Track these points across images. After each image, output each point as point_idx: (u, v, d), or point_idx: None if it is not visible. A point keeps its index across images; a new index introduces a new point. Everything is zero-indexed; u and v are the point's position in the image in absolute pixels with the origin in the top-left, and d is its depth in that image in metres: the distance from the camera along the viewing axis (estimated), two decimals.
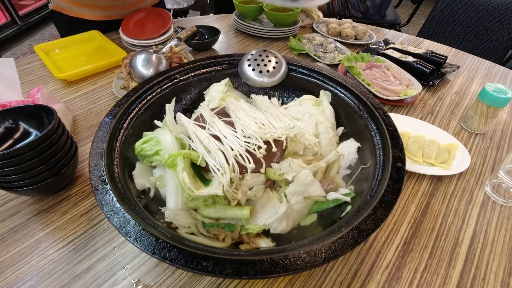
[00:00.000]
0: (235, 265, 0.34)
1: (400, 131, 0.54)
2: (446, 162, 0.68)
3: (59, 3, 1.05)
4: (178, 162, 0.48)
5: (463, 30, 1.57)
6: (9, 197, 0.57)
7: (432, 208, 0.59)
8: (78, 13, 1.06)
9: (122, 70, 0.84)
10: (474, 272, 0.50)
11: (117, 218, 0.39)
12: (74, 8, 1.05)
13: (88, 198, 0.58)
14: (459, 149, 0.70)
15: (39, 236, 0.52)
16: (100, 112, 0.78)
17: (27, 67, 0.93)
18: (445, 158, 0.68)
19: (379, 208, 0.41)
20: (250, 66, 0.70)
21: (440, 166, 0.67)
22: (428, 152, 0.69)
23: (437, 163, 0.67)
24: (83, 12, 1.06)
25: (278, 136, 0.53)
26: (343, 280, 0.48)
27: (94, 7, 1.06)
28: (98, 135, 0.50)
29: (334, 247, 0.36)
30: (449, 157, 0.68)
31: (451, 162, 0.67)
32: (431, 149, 0.70)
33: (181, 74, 0.67)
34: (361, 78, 0.88)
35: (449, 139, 0.72)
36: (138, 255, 0.50)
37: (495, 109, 0.72)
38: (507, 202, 0.61)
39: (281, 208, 0.48)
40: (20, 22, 2.92)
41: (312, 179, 0.51)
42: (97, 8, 1.06)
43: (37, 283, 0.46)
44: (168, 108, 0.56)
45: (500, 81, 1.00)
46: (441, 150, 0.69)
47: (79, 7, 1.05)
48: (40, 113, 0.55)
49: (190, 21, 1.28)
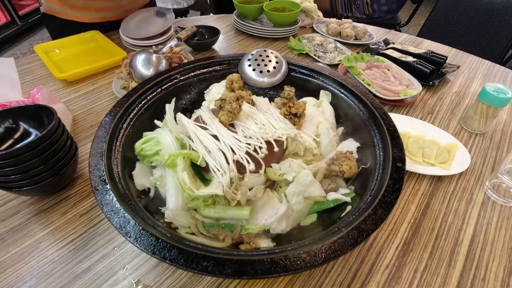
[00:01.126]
0: (235, 265, 0.34)
1: (400, 131, 0.54)
2: (446, 162, 0.67)
3: (51, 6, 1.03)
4: (178, 162, 0.48)
5: (463, 30, 1.57)
6: (9, 197, 0.57)
7: (432, 208, 0.59)
8: (71, 15, 1.04)
9: (122, 70, 0.84)
10: (474, 272, 0.50)
11: (117, 218, 0.39)
12: (67, 11, 1.03)
13: (88, 198, 0.58)
14: (459, 149, 0.70)
15: (39, 236, 0.52)
16: (100, 112, 0.78)
17: (27, 67, 0.93)
18: (445, 158, 0.68)
19: (379, 208, 0.41)
20: (251, 66, 0.70)
21: (440, 166, 0.67)
22: (428, 152, 0.69)
23: (437, 163, 0.67)
24: (77, 14, 1.04)
25: (278, 136, 0.53)
26: (343, 280, 0.48)
27: (87, 9, 1.04)
28: (98, 135, 0.50)
29: (334, 247, 0.36)
30: (449, 157, 0.68)
31: (451, 162, 0.67)
32: (431, 149, 0.69)
33: (181, 74, 0.67)
34: (361, 78, 0.88)
35: (449, 139, 0.72)
36: (138, 255, 0.50)
37: (495, 109, 0.72)
38: (507, 202, 0.61)
39: (281, 208, 0.48)
40: (20, 22, 2.93)
41: (312, 179, 0.50)
42: (91, 10, 1.05)
43: (37, 283, 0.46)
44: (168, 108, 0.56)
45: (500, 81, 1.00)
46: (441, 150, 0.69)
47: (72, 9, 1.03)
48: (40, 113, 0.55)
49: (190, 21, 1.28)
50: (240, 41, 1.16)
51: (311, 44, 1.12)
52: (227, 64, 0.72)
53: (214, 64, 0.71)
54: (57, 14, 1.04)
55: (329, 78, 0.66)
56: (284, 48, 1.12)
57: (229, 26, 1.26)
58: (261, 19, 1.24)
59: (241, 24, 1.17)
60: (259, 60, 0.71)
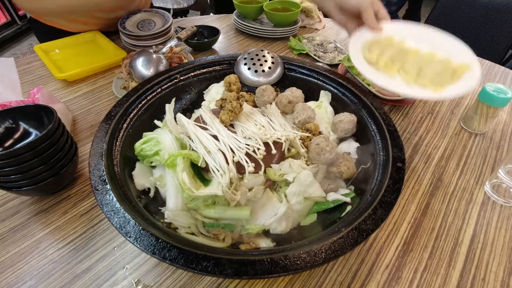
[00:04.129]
0: (235, 265, 0.34)
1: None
2: (443, 85, 0.53)
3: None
4: (178, 162, 0.48)
5: (463, 30, 1.57)
6: (9, 197, 0.57)
7: (432, 208, 0.59)
8: (58, 24, 1.02)
9: (122, 70, 0.84)
10: (474, 272, 0.50)
11: (117, 218, 0.39)
12: (55, 18, 1.01)
13: (88, 198, 0.58)
14: (470, 71, 0.54)
15: (39, 236, 0.52)
16: (100, 112, 0.78)
17: (27, 67, 0.93)
18: (445, 80, 0.54)
19: (379, 208, 0.41)
20: (246, 65, 0.70)
21: (430, 87, 0.54)
22: (426, 71, 0.56)
23: (429, 84, 0.55)
24: (63, 23, 1.02)
25: (277, 137, 0.53)
26: (343, 280, 0.48)
27: (75, 21, 1.02)
28: (98, 135, 0.50)
29: (334, 247, 0.36)
30: (451, 80, 0.54)
31: (448, 86, 0.53)
32: (432, 67, 0.56)
33: (181, 74, 0.67)
34: (361, 78, 0.88)
35: (465, 58, 0.56)
36: (138, 255, 0.50)
37: (495, 109, 0.72)
38: (507, 202, 0.61)
39: (281, 209, 0.48)
40: (20, 22, 2.93)
41: (313, 179, 0.51)
42: (79, 22, 1.03)
43: (37, 283, 0.46)
44: (168, 108, 0.56)
45: (500, 81, 1.00)
46: (443, 69, 0.55)
47: (61, 19, 1.01)
48: (40, 113, 0.55)
49: (190, 21, 1.28)
50: (240, 41, 1.16)
51: (311, 44, 1.12)
52: (227, 64, 0.72)
53: (214, 64, 0.71)
54: (44, 20, 1.02)
55: (329, 78, 0.66)
56: (284, 48, 1.12)
57: (229, 26, 1.26)
58: (261, 19, 1.24)
59: (241, 24, 1.17)
60: (255, 59, 0.71)
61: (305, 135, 0.56)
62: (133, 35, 1.00)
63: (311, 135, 0.57)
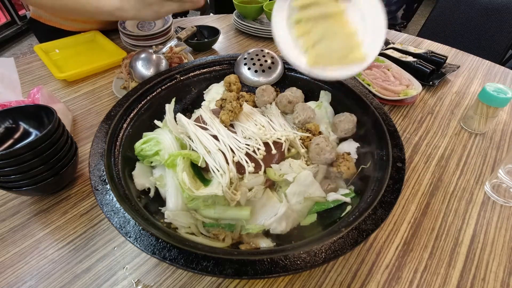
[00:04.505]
0: (235, 265, 0.34)
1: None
2: (354, 51, 0.47)
3: (37, 11, 1.02)
4: (178, 162, 0.48)
5: (463, 30, 1.57)
6: (9, 197, 0.57)
7: (432, 208, 0.59)
8: (57, 23, 1.02)
9: (122, 70, 0.84)
10: (474, 272, 0.50)
11: (117, 218, 0.39)
12: (55, 18, 1.02)
13: (88, 198, 0.58)
14: (360, 64, 0.48)
15: (39, 236, 0.52)
16: (100, 112, 0.78)
17: (27, 67, 0.93)
18: (352, 45, 0.47)
19: (379, 208, 0.41)
20: (246, 65, 0.70)
21: (310, 61, 0.49)
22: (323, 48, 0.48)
23: (314, 57, 0.49)
24: (62, 23, 1.02)
25: (277, 137, 0.53)
26: (343, 280, 0.48)
27: (75, 21, 1.03)
28: (98, 135, 0.50)
29: (334, 247, 0.36)
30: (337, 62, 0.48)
31: (329, 67, 0.48)
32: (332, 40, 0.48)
33: (181, 74, 0.67)
34: (361, 78, 0.88)
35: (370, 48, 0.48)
36: (138, 255, 0.50)
37: (495, 109, 0.72)
38: (507, 202, 0.61)
39: (280, 209, 0.48)
40: (20, 22, 2.93)
41: (313, 179, 0.51)
42: (79, 22, 1.03)
43: (37, 283, 0.46)
44: (168, 108, 0.56)
45: (500, 81, 1.00)
46: (341, 48, 0.48)
47: (61, 19, 1.02)
48: (40, 113, 0.55)
49: (190, 21, 1.28)
50: (240, 41, 1.16)
51: None
52: (227, 64, 0.72)
53: (214, 64, 0.71)
54: (44, 20, 1.03)
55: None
56: None
57: (229, 26, 1.26)
58: (261, 19, 1.24)
59: (241, 24, 1.17)
60: (255, 59, 0.71)
61: (305, 135, 0.56)
62: (133, 35, 1.00)
63: (311, 135, 0.57)
